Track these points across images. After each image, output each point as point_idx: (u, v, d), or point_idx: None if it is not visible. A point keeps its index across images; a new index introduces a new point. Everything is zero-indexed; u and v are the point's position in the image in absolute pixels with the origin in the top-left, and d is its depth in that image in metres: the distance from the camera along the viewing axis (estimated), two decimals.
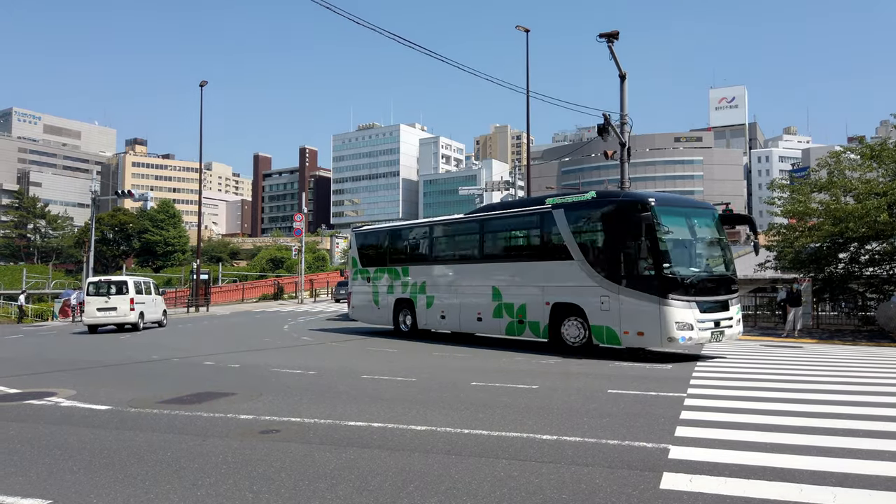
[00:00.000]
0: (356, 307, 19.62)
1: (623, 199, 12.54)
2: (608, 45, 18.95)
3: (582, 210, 12.93)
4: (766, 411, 6.91)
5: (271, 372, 10.76)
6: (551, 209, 13.32)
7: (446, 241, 16.92)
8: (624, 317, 11.73)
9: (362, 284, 19.13)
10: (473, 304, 15.10)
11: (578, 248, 12.65)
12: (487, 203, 19.03)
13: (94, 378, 10.70)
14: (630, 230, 11.49)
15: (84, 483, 4.74)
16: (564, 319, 12.88)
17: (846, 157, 22.17)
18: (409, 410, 7.19)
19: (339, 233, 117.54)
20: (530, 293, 13.62)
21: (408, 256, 17.77)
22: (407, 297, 17.35)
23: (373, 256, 18.96)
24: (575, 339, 12.71)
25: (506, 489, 4.38)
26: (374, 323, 19.18)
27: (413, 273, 17.17)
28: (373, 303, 18.64)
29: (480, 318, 14.89)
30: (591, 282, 12.28)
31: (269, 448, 5.62)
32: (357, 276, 19.45)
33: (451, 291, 15.90)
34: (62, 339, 20.95)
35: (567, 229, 12.94)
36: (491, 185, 42.86)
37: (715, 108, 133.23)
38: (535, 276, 13.60)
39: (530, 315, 13.62)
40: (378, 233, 19.66)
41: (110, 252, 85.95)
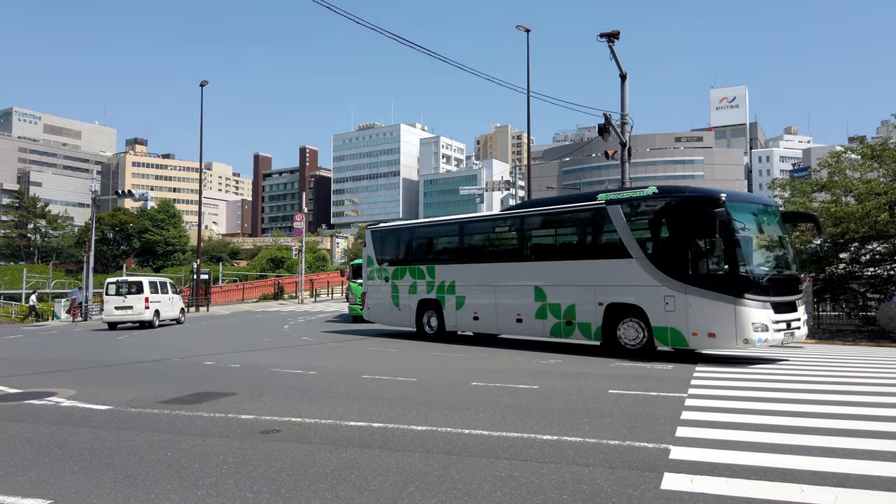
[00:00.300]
0: (372, 308, 18.67)
1: (692, 194, 12.07)
2: (609, 45, 18.94)
3: (641, 206, 12.38)
4: (767, 411, 6.90)
5: (272, 372, 10.76)
6: (605, 205, 12.69)
7: (481, 239, 16.22)
8: (693, 318, 11.18)
9: (380, 284, 18.21)
10: (512, 304, 14.35)
11: (638, 246, 12.06)
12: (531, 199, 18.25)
13: (94, 378, 10.69)
14: (701, 227, 11.00)
15: (84, 483, 4.74)
16: (620, 321, 12.27)
17: (847, 157, 22.15)
18: (409, 410, 7.19)
19: (339, 233, 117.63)
20: (580, 293, 12.96)
21: (434, 255, 17.07)
22: (433, 298, 16.49)
23: (392, 255, 18.11)
24: (633, 341, 12.11)
25: (507, 489, 4.38)
26: (392, 325, 18.36)
27: (440, 272, 16.34)
28: (392, 303, 17.74)
29: (520, 320, 14.18)
30: (654, 281, 11.70)
31: (270, 448, 5.61)
32: (373, 275, 18.53)
33: (485, 291, 15.07)
34: (62, 338, 20.95)
35: (625, 226, 12.32)
36: (491, 185, 42.80)
37: (716, 107, 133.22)
38: (587, 275, 12.91)
39: (580, 316, 12.96)
40: (398, 231, 18.63)
41: (110, 252, 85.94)
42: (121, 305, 24.47)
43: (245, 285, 53.17)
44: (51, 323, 32.40)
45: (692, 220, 11.36)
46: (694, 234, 11.38)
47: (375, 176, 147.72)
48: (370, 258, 18.79)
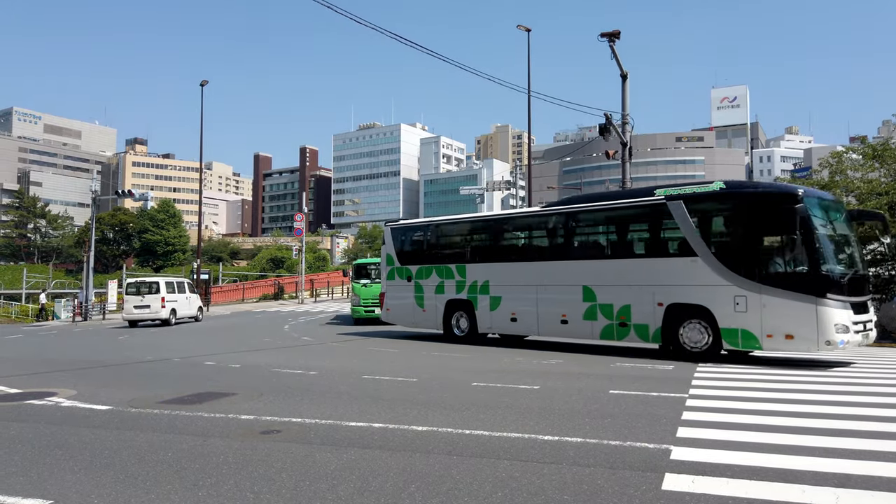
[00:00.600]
0: (392, 309, 17.71)
1: (767, 190, 11.65)
2: (609, 45, 18.95)
3: (708, 202, 11.88)
4: (768, 412, 6.89)
5: (272, 372, 10.76)
6: (665, 201, 12.14)
7: (520, 237, 15.60)
8: (768, 319, 10.68)
9: (401, 284, 17.23)
10: (557, 305, 13.62)
11: (704, 244, 11.53)
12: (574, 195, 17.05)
13: (94, 378, 10.69)
14: (778, 223, 10.66)
15: (85, 483, 4.73)
16: (682, 322, 11.72)
17: (848, 157, 22.16)
18: (410, 411, 7.19)
19: (339, 233, 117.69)
20: (636, 293, 12.35)
21: (465, 253, 16.21)
22: (463, 299, 15.68)
23: (415, 253, 17.21)
24: (697, 343, 11.58)
25: (507, 490, 4.38)
26: (415, 326, 17.54)
27: (472, 271, 15.53)
28: (415, 304, 16.84)
29: (566, 321, 13.45)
30: (723, 280, 11.18)
31: (270, 448, 5.61)
32: (394, 275, 17.54)
33: (525, 292, 14.28)
34: (62, 338, 20.95)
35: (689, 223, 11.76)
36: (492, 185, 42.86)
37: (717, 107, 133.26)
38: (644, 274, 12.34)
39: (636, 317, 12.35)
40: (423, 227, 17.66)
41: (110, 252, 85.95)
42: (139, 304, 25.92)
43: (245, 285, 53.15)
44: (51, 323, 32.41)
45: (767, 217, 10.96)
46: (769, 231, 11.02)
47: (376, 176, 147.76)
48: (390, 257, 17.80)
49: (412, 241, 17.61)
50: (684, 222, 11.88)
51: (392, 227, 18.20)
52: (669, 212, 12.09)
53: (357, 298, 23.44)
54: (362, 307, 23.01)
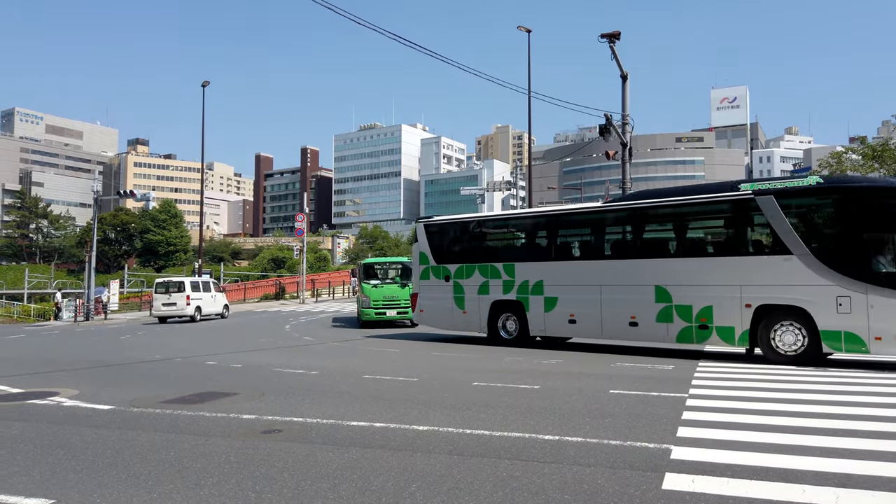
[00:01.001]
0: (427, 311, 16.65)
1: (872, 184, 11.11)
2: (610, 46, 18.97)
3: (803, 197, 11.32)
4: (768, 412, 6.90)
5: (273, 372, 10.77)
6: (753, 196, 11.47)
7: (581, 234, 14.67)
8: (877, 320, 10.16)
9: (437, 285, 16.19)
10: (624, 306, 12.83)
11: (800, 241, 10.92)
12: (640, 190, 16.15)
13: (96, 378, 10.72)
14: (888, 220, 10.27)
15: (87, 483, 4.75)
16: (774, 324, 11.11)
17: (848, 157, 22.18)
18: (410, 410, 7.20)
19: (340, 233, 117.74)
20: (719, 294, 11.67)
21: (514, 251, 15.49)
22: (511, 299, 14.74)
23: (454, 251, 16.18)
24: (790, 346, 10.96)
25: (508, 489, 4.39)
26: (453, 329, 16.39)
27: (523, 270, 14.60)
28: (454, 306, 15.80)
29: (635, 324, 12.68)
30: (823, 280, 10.62)
31: (272, 448, 5.63)
32: (429, 274, 16.49)
33: (586, 292, 13.44)
34: (64, 338, 20.98)
35: (782, 219, 11.10)
36: (492, 186, 42.89)
37: (716, 108, 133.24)
38: (728, 273, 11.65)
39: (719, 319, 11.64)
40: (464, 224, 16.52)
41: (112, 252, 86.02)
42: (167, 302, 27.71)
43: (246, 285, 53.21)
44: (53, 322, 32.45)
45: (874, 213, 10.51)
46: (876, 227, 10.52)
47: (376, 176, 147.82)
48: (424, 255, 16.70)
49: (451, 238, 16.52)
50: (776, 218, 11.19)
51: (426, 223, 17.04)
52: (758, 207, 11.41)
53: (367, 300, 21.81)
54: (372, 309, 21.54)
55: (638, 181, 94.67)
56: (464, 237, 16.31)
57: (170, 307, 27.73)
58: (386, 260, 24.39)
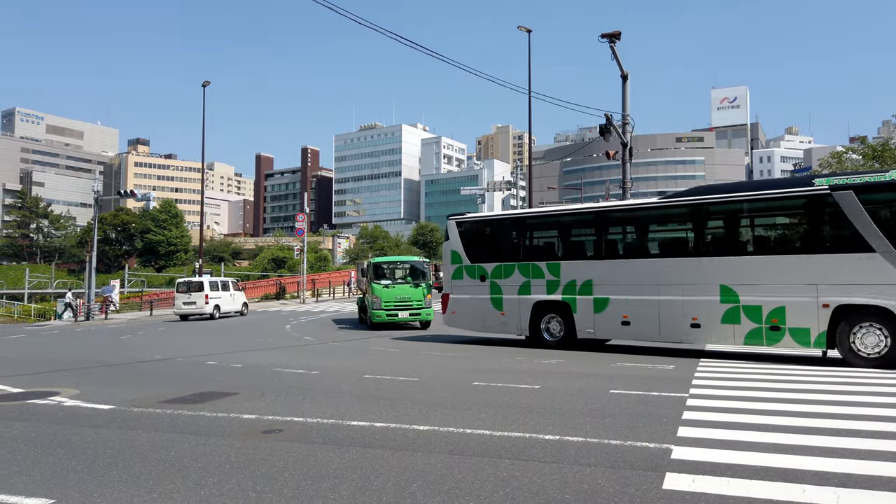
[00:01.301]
0: (459, 312, 15.82)
1: None
2: (610, 46, 18.97)
3: (887, 192, 10.81)
4: (769, 411, 6.89)
5: (274, 371, 10.78)
6: (830, 191, 11.03)
7: (635, 231, 13.90)
8: None
9: (472, 285, 15.43)
10: (685, 307, 12.25)
11: (884, 238, 10.47)
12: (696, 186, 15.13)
13: (97, 377, 10.72)
14: None
15: (87, 482, 4.75)
16: (854, 325, 10.72)
17: (848, 157, 22.18)
18: (411, 410, 7.20)
19: (341, 233, 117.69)
20: (792, 293, 11.19)
21: (559, 249, 14.64)
22: (556, 300, 14.04)
23: (491, 250, 15.45)
24: (874, 348, 10.57)
25: (508, 489, 4.39)
26: (489, 331, 15.59)
27: (569, 269, 13.93)
28: (491, 307, 15.07)
29: (697, 325, 12.11)
30: None
31: (272, 448, 5.63)
32: (461, 274, 15.68)
33: (641, 292, 12.84)
34: (64, 338, 20.99)
35: (862, 215, 10.66)
36: (493, 186, 42.91)
37: (717, 108, 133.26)
38: (802, 271, 11.16)
39: (793, 320, 11.14)
40: (501, 221, 15.96)
41: (113, 252, 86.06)
42: (187, 301, 29.17)
43: (247, 285, 53.09)
44: (53, 322, 32.47)
45: None
46: None
47: (377, 176, 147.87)
48: (456, 254, 15.91)
49: (487, 236, 15.81)
50: (856, 214, 10.74)
51: (458, 221, 16.19)
52: (836, 203, 10.96)
53: (378, 301, 20.43)
54: (384, 311, 20.27)
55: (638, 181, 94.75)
56: (502, 235, 15.60)
57: (190, 306, 29.11)
58: (397, 259, 23.05)
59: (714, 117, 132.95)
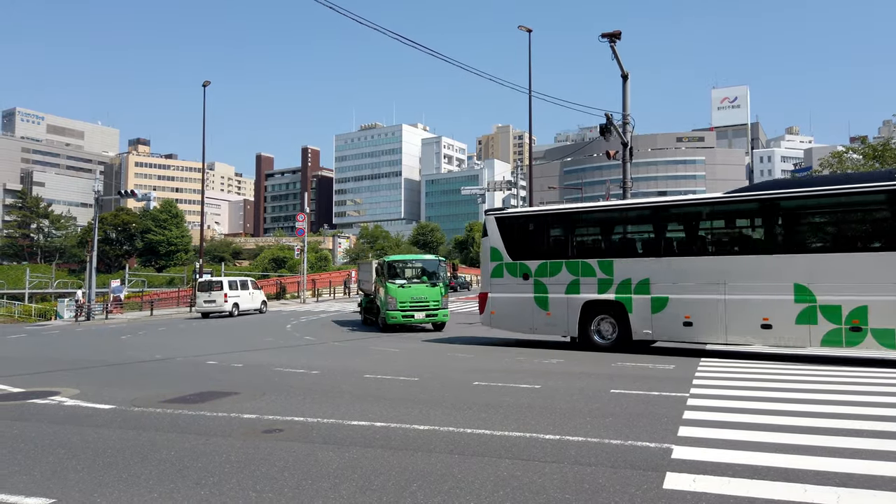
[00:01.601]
0: (499, 312, 14.93)
1: None
2: (610, 45, 18.96)
3: None
4: (770, 411, 6.89)
5: (274, 371, 10.78)
6: None
7: (698, 227, 13.30)
8: None
9: (514, 283, 14.59)
10: (754, 307, 11.69)
11: None
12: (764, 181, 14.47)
13: (97, 377, 10.72)
14: None
15: (87, 482, 4.75)
16: None
17: (849, 157, 22.18)
18: (411, 410, 7.20)
19: (341, 232, 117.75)
20: (876, 292, 10.72)
21: (611, 246, 13.98)
22: (608, 299, 13.36)
23: (535, 247, 14.68)
24: None
25: (509, 489, 4.38)
26: (533, 332, 14.76)
27: (623, 267, 13.26)
28: (536, 306, 14.24)
29: (768, 325, 11.56)
30: None
31: (272, 447, 5.62)
32: (502, 272, 14.84)
33: (705, 291, 12.25)
34: (65, 338, 21.00)
35: None
36: (493, 185, 42.92)
37: (717, 107, 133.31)
38: (888, 270, 10.69)
39: (876, 321, 10.69)
40: (547, 217, 15.10)
41: (113, 252, 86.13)
42: (207, 300, 30.75)
43: None
44: (53, 322, 32.48)
45: None
46: None
47: (377, 176, 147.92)
48: (496, 251, 15.02)
49: (531, 232, 15.04)
50: None
51: (498, 216, 15.37)
52: None
53: (393, 301, 19.35)
54: (399, 311, 19.23)
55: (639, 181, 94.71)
56: (548, 231, 14.83)
57: (210, 304, 30.70)
58: (412, 258, 22.10)
59: (714, 117, 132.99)
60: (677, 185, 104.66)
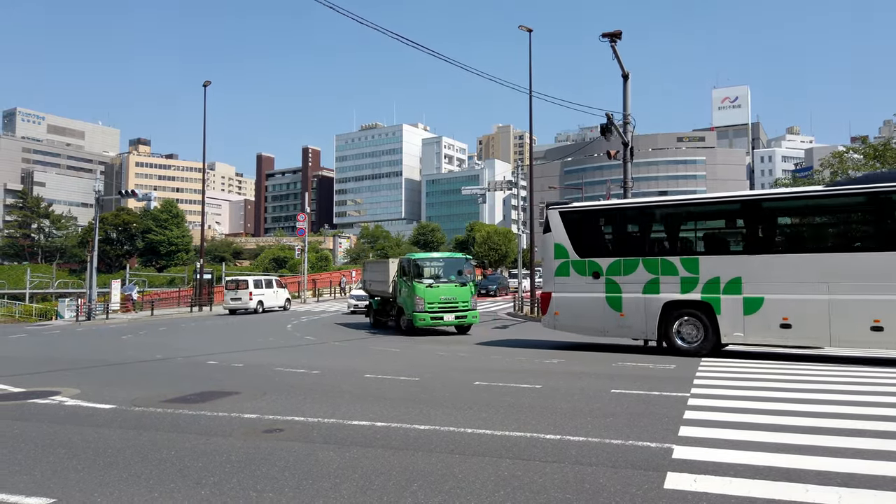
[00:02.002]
0: (565, 314, 13.90)
1: None
2: (611, 45, 18.95)
3: None
4: (771, 411, 6.88)
5: (275, 371, 10.78)
6: None
7: (797, 222, 12.55)
8: None
9: (582, 282, 13.64)
10: (864, 308, 10.98)
11: None
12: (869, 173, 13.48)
13: (97, 377, 10.72)
14: None
15: (88, 482, 4.75)
16: None
17: (849, 156, 22.18)
18: (412, 410, 7.19)
19: (341, 232, 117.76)
20: None
21: (698, 242, 13.20)
22: (694, 300, 12.47)
23: (607, 243, 13.86)
24: None
25: (509, 489, 4.38)
26: (604, 335, 13.72)
27: (711, 265, 12.39)
28: (607, 307, 13.29)
29: (880, 328, 10.84)
30: None
31: (273, 447, 5.62)
32: (567, 270, 13.85)
33: (806, 291, 11.48)
34: (65, 338, 21.01)
35: None
36: (493, 185, 42.83)
37: (718, 107, 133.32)
38: None
39: None
40: (619, 211, 14.10)
41: (114, 252, 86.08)
42: (234, 297, 32.73)
43: None
44: (54, 322, 32.49)
45: None
46: None
47: (378, 176, 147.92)
48: (561, 247, 14.01)
49: (601, 227, 14.17)
50: None
51: (563, 210, 14.27)
52: None
53: (421, 302, 17.97)
54: (427, 313, 17.89)
55: (639, 181, 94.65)
56: (622, 226, 13.94)
57: (236, 301, 32.58)
58: (440, 256, 20.41)
59: (715, 117, 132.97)
60: (678, 186, 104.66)
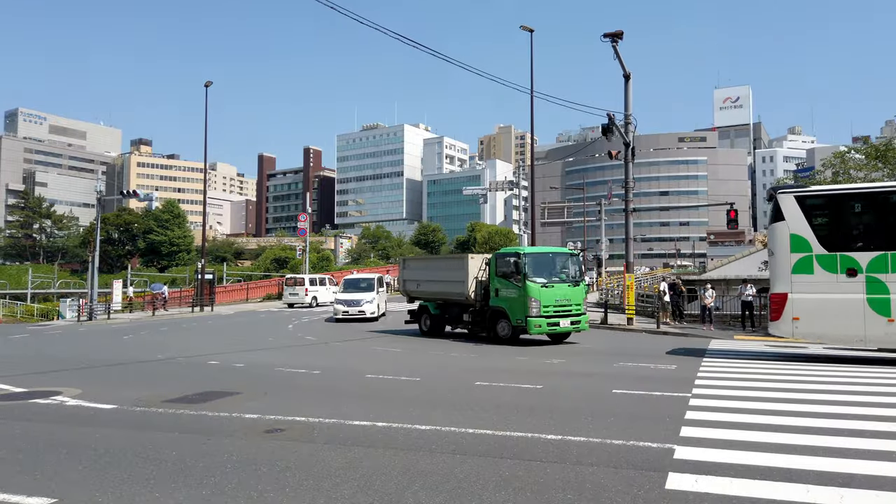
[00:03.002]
0: (808, 318, 11.67)
1: None
2: (612, 45, 18.95)
3: None
4: (771, 411, 6.88)
5: (276, 371, 10.78)
6: None
7: None
8: None
9: (833, 280, 11.52)
10: None
11: None
12: None
13: (99, 377, 10.74)
14: None
15: (89, 482, 4.75)
16: None
17: (851, 156, 22.17)
18: (413, 410, 7.19)
19: (343, 233, 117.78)
20: None
21: None
22: None
23: (864, 233, 11.79)
24: None
25: (511, 489, 4.38)
26: (863, 343, 11.59)
27: None
28: (869, 311, 11.23)
29: None
30: None
31: (274, 447, 5.63)
32: (810, 267, 11.70)
33: None
34: (67, 338, 21.03)
35: None
36: (495, 186, 42.84)
37: (719, 108, 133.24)
38: None
39: None
40: (882, 196, 11.97)
41: (115, 252, 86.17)
42: (292, 293, 37.18)
43: (249, 285, 53.28)
44: (55, 322, 32.52)
45: None
46: None
47: (379, 176, 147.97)
48: (800, 239, 11.82)
49: (857, 215, 12.06)
50: None
51: (800, 195, 12.09)
52: None
53: (536, 305, 15.07)
54: (544, 318, 15.02)
55: (641, 181, 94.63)
56: (888, 213, 11.69)
57: (294, 296, 37.00)
58: (551, 250, 17.59)
59: (717, 117, 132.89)
60: (679, 186, 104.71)
